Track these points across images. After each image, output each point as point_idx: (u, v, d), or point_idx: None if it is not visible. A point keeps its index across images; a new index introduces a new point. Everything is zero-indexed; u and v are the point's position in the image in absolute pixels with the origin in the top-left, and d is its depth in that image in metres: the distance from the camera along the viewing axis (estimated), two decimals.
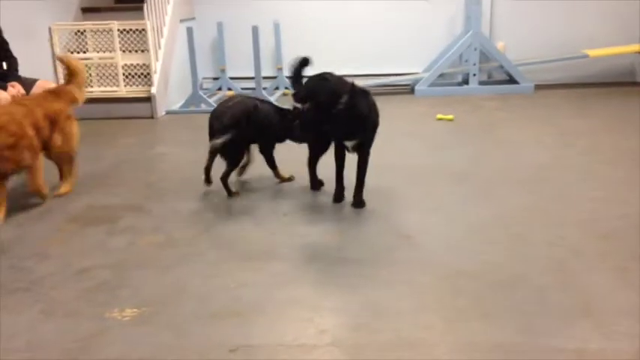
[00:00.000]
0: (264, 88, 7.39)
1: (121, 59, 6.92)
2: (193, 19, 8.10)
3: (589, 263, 2.96)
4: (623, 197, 3.85)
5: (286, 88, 8.06)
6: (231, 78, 8.22)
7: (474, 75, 7.68)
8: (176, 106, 7.18)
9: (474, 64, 7.65)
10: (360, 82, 7.74)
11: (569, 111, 6.57)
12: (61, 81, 5.66)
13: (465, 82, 7.89)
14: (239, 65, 8.02)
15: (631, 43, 7.66)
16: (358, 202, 3.82)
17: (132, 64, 6.97)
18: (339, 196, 3.91)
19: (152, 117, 6.80)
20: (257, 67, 6.99)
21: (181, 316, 2.61)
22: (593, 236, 3.27)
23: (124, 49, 6.97)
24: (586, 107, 6.71)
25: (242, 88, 8.03)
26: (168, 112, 7.04)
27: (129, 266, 3.11)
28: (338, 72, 3.89)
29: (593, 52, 7.57)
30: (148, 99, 6.82)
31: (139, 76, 7.00)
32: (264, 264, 3.08)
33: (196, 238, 3.45)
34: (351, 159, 3.87)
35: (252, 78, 7.18)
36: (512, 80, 7.73)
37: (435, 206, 3.80)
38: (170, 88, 7.23)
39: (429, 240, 3.30)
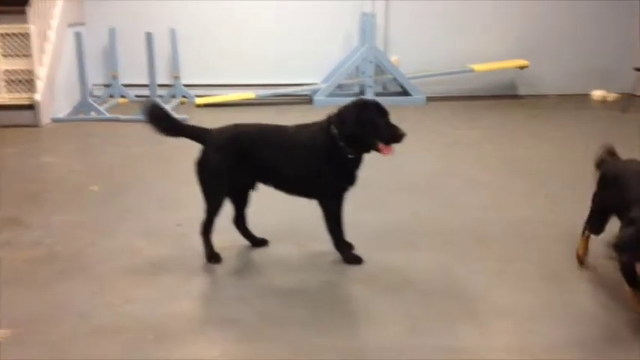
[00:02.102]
0: (160, 97, 7.20)
1: (3, 64, 6.48)
2: (83, 24, 7.76)
3: (470, 267, 3.11)
4: (502, 204, 4.09)
5: (184, 96, 7.90)
6: (125, 85, 7.94)
7: (370, 86, 7.91)
8: (63, 114, 6.81)
9: (370, 76, 7.87)
10: (259, 92, 7.86)
11: (457, 122, 6.91)
12: None
13: (362, 93, 8.09)
14: (133, 72, 7.76)
15: (513, 58, 8.20)
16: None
17: (14, 70, 6.54)
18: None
19: (36, 125, 6.40)
20: (151, 74, 6.80)
21: (59, 334, 2.46)
22: (474, 241, 3.44)
23: (5, 53, 6.53)
24: (472, 119, 7.08)
25: (136, 96, 7.78)
26: (54, 120, 6.67)
27: (0, 284, 2.89)
28: (237, 81, 3.75)
29: (478, 67, 8.02)
30: (31, 106, 6.42)
31: (22, 82, 6.58)
32: (151, 278, 2.98)
33: (80, 253, 3.27)
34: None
35: (146, 85, 6.97)
36: (405, 92, 8.03)
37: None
38: (57, 95, 6.85)
39: (323, 246, 3.33)
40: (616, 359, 2.29)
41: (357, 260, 3.13)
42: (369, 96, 7.77)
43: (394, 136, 2.91)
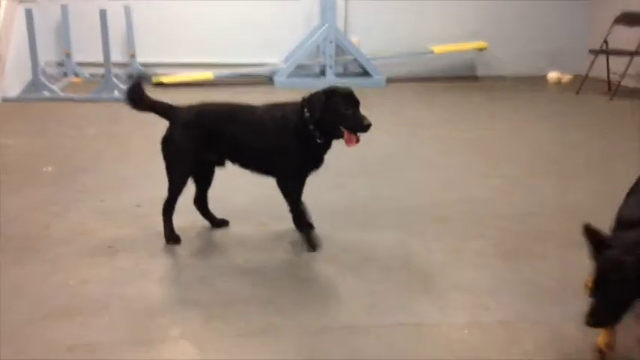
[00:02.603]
0: (116, 75, 7.02)
1: None
2: (35, 1, 7.47)
3: (429, 245, 3.15)
4: (460, 184, 4.15)
5: (140, 75, 7.72)
6: (80, 64, 7.72)
7: (330, 67, 7.88)
8: (14, 93, 6.58)
9: (330, 57, 7.85)
10: (217, 72, 7.74)
11: (417, 103, 6.97)
12: None
13: (322, 73, 8.07)
14: (88, 50, 7.53)
15: (472, 40, 8.29)
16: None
17: None
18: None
19: None
20: (106, 52, 6.62)
21: (14, 318, 2.40)
22: (433, 220, 3.49)
23: None
24: (432, 100, 7.15)
25: (90, 75, 7.58)
26: (5, 100, 6.43)
27: None
28: (195, 60, 3.69)
29: (438, 49, 8.09)
30: None
31: None
32: (108, 259, 2.92)
33: (34, 236, 3.18)
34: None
35: (101, 64, 6.78)
36: (366, 73, 8.04)
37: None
38: (6, 74, 6.60)
39: (284, 226, 3.32)
40: (571, 335, 2.36)
41: (315, 244, 3.08)
42: (329, 77, 7.76)
43: (359, 125, 2.89)
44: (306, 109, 2.96)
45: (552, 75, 8.38)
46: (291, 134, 2.98)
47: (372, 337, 2.34)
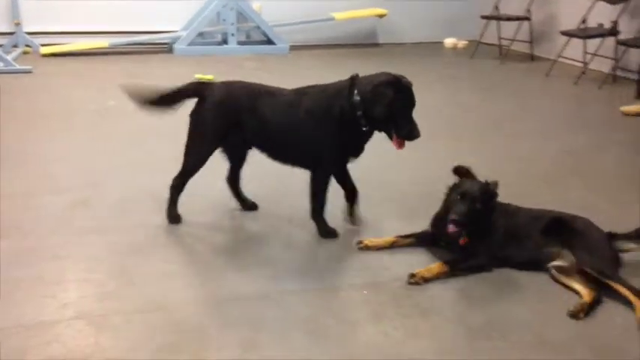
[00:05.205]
0: (0, 46, 6.53)
1: None
2: None
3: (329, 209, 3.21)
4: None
5: (27, 45, 7.21)
6: None
7: (232, 35, 7.72)
8: None
9: (232, 24, 7.68)
10: (112, 40, 7.36)
11: (322, 70, 6.98)
12: None
13: (225, 41, 7.90)
14: None
15: (372, 7, 8.38)
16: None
17: None
18: None
19: None
20: None
21: None
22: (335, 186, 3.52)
23: None
24: (336, 67, 7.18)
25: None
26: None
27: None
28: (88, 28, 3.44)
29: (339, 15, 8.11)
30: None
31: None
32: None
33: None
34: None
35: None
36: (269, 41, 7.94)
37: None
38: None
39: (187, 201, 3.27)
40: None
41: (332, 234, 2.94)
42: (231, 45, 7.64)
43: (411, 134, 2.73)
44: (356, 92, 2.73)
45: (449, 41, 8.65)
46: (334, 119, 2.73)
47: (272, 303, 2.38)
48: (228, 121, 2.86)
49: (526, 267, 2.65)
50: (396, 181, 3.65)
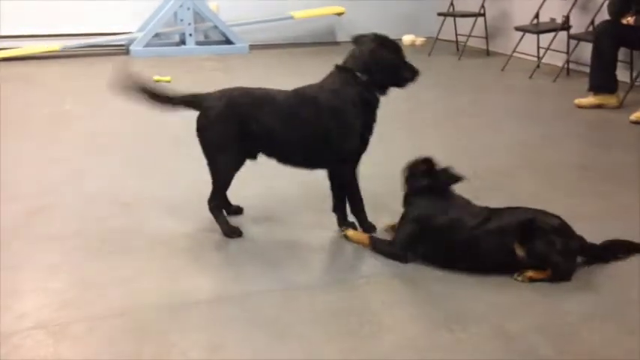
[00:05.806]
0: None
1: None
2: None
3: (290, 208, 3.22)
4: None
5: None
6: None
7: (190, 35, 7.65)
8: None
9: (189, 24, 7.61)
10: (65, 43, 7.19)
11: (282, 69, 6.98)
12: None
13: (183, 42, 7.82)
14: None
15: (331, 5, 8.41)
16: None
17: None
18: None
19: None
20: None
21: None
22: (296, 185, 3.52)
23: None
24: (296, 66, 7.19)
25: None
26: None
27: None
28: (39, 31, 3.37)
29: (297, 14, 8.12)
30: None
31: None
32: None
33: None
34: None
35: None
36: (228, 41, 7.90)
37: (156, 170, 3.75)
38: None
39: (146, 205, 3.22)
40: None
41: (372, 228, 2.92)
42: (190, 45, 7.57)
43: (415, 72, 2.87)
44: (359, 74, 2.75)
45: (407, 38, 8.74)
46: (355, 107, 2.74)
47: (236, 304, 2.37)
48: (238, 128, 2.77)
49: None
50: None
